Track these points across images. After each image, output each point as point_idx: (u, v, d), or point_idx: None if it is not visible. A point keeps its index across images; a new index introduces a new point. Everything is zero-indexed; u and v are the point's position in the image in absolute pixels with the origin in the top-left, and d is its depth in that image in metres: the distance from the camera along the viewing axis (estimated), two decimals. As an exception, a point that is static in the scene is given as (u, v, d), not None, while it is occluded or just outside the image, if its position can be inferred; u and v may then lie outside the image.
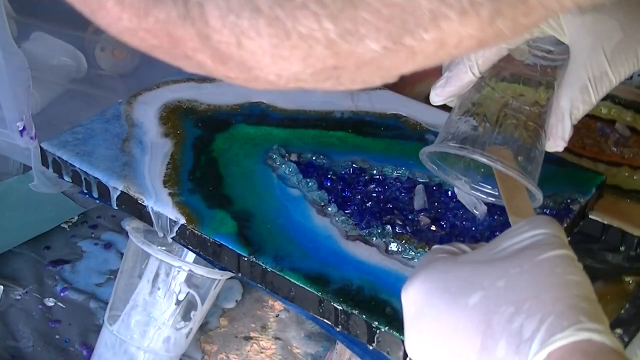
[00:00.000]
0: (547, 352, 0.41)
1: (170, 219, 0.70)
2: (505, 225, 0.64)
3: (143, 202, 0.71)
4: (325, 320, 0.65)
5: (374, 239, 0.69)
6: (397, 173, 0.75)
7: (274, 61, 0.30)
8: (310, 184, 0.73)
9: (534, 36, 0.63)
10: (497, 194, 0.66)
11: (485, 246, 0.50)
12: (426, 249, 0.67)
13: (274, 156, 0.76)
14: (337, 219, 0.70)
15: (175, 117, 0.80)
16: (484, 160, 0.61)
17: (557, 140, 0.63)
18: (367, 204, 0.72)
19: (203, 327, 0.87)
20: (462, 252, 0.51)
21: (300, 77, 0.31)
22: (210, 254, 0.70)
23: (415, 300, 0.49)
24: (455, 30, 0.29)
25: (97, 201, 0.76)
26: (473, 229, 0.70)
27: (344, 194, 0.73)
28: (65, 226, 0.99)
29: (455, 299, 0.46)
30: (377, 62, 0.30)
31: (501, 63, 0.64)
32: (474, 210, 0.71)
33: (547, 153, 0.80)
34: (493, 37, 0.30)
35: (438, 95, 0.65)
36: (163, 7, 0.30)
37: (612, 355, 0.42)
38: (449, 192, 0.73)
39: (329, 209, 0.71)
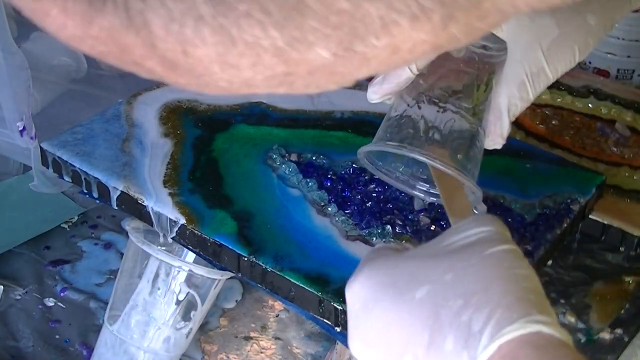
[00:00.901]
0: (497, 345, 0.41)
1: (170, 219, 0.70)
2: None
3: (143, 202, 0.71)
4: (325, 320, 0.65)
5: (374, 239, 0.69)
6: (397, 173, 0.75)
7: (222, 68, 0.30)
8: (310, 184, 0.73)
9: None
10: (437, 193, 0.66)
11: (430, 242, 0.50)
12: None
13: (274, 156, 0.76)
14: (337, 219, 0.70)
15: (175, 117, 0.80)
16: (422, 158, 0.60)
17: (495, 137, 0.62)
18: (367, 204, 0.71)
19: (203, 327, 0.87)
20: (406, 250, 0.51)
21: (252, 83, 0.31)
22: (210, 254, 0.70)
23: (359, 296, 0.48)
24: (407, 35, 0.29)
25: (97, 201, 0.76)
26: (473, 229, 0.70)
27: (344, 194, 0.73)
28: (65, 226, 0.99)
29: (401, 294, 0.45)
30: (329, 68, 0.30)
31: (439, 60, 0.62)
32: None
33: (547, 153, 0.80)
34: (447, 41, 0.30)
35: (375, 93, 0.63)
36: (105, 16, 0.30)
37: (562, 347, 0.41)
38: (449, 192, 0.73)
39: (329, 209, 0.71)
